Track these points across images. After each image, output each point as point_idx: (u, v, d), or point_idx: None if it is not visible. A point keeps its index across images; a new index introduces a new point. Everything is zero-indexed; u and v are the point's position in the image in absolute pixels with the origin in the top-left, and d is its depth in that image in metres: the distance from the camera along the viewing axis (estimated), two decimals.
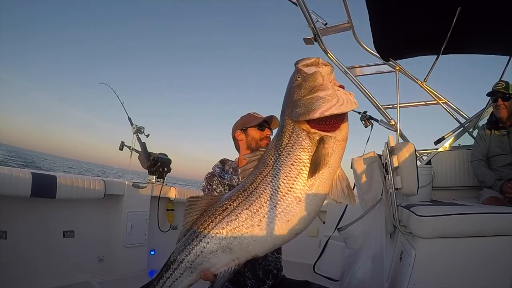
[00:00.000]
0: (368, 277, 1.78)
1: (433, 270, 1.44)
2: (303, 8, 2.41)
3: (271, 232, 0.96)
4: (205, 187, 1.53)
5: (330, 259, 2.87)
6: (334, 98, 0.94)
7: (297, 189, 0.95)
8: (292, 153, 0.97)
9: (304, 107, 0.95)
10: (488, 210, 1.53)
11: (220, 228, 1.00)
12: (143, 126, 3.35)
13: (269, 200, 0.97)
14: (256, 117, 1.56)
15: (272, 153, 1.01)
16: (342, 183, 1.00)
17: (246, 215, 0.98)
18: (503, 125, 2.40)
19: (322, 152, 0.94)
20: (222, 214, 1.01)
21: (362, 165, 2.17)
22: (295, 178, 0.95)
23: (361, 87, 2.97)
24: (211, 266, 1.02)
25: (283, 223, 0.96)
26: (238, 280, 1.44)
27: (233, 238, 0.98)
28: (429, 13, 2.33)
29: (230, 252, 1.00)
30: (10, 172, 2.18)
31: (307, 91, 0.97)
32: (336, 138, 0.96)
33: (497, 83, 2.42)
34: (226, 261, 1.01)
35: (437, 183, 2.80)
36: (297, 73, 1.01)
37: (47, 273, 2.40)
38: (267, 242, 0.98)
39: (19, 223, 2.33)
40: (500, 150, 2.39)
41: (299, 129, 0.97)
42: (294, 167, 0.96)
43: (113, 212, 2.92)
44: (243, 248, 0.99)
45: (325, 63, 1.01)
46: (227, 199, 1.04)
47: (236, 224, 0.98)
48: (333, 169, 0.97)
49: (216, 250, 1.00)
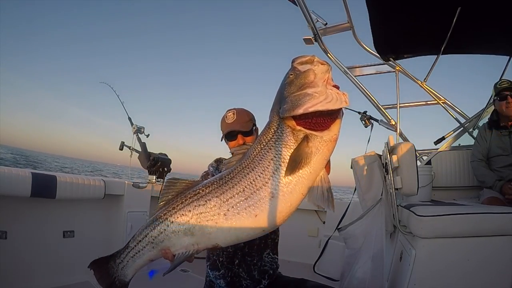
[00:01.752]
0: (368, 277, 1.78)
1: (433, 270, 1.44)
2: (303, 8, 2.41)
3: (236, 224, 0.95)
4: None
5: (330, 259, 2.87)
6: (322, 95, 0.92)
7: (272, 185, 0.92)
8: (273, 148, 0.95)
9: (291, 103, 0.94)
10: (488, 210, 1.54)
11: (186, 210, 1.00)
12: (143, 126, 3.35)
13: (241, 192, 0.95)
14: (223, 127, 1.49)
15: (255, 147, 0.99)
16: (323, 185, 0.97)
17: (214, 203, 0.97)
18: (504, 124, 2.39)
19: (304, 150, 0.91)
20: (193, 198, 1.01)
21: (362, 165, 2.17)
22: (272, 173, 0.93)
23: (361, 87, 2.97)
24: (171, 246, 1.03)
25: (250, 217, 0.94)
26: (233, 281, 1.43)
27: (197, 222, 0.98)
28: (429, 13, 2.32)
29: (191, 236, 0.99)
30: (10, 172, 2.18)
31: (296, 88, 0.95)
32: (323, 138, 0.93)
33: (501, 81, 2.39)
34: (185, 244, 1.01)
35: (437, 183, 2.80)
36: (291, 70, 1.00)
37: (47, 273, 2.40)
38: (230, 233, 0.97)
39: (19, 223, 2.33)
40: (501, 151, 2.38)
41: (284, 125, 0.95)
42: (273, 162, 0.94)
43: (113, 212, 2.92)
44: (205, 234, 0.98)
45: (321, 61, 0.99)
46: (202, 185, 1.03)
47: (203, 209, 0.98)
48: (314, 169, 0.93)
49: (178, 231, 1.00)
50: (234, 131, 1.44)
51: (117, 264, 1.13)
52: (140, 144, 3.31)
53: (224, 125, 1.49)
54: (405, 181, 1.76)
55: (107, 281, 1.14)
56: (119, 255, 1.14)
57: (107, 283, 1.14)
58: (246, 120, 1.47)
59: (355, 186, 2.37)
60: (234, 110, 1.48)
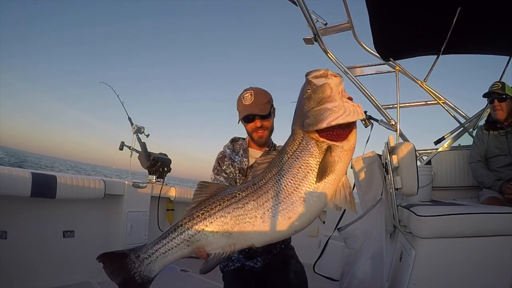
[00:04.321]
0: (368, 277, 1.78)
1: (433, 270, 1.44)
2: (303, 8, 2.40)
3: (272, 226, 1.02)
4: (215, 167, 1.54)
5: (330, 259, 2.87)
6: (341, 109, 1.00)
7: (302, 190, 1.01)
8: (300, 158, 1.04)
9: (313, 118, 1.02)
10: (488, 210, 1.54)
11: (226, 212, 1.05)
12: (143, 126, 3.35)
13: (275, 196, 1.03)
14: (241, 108, 1.49)
15: (282, 157, 1.08)
16: (345, 190, 1.05)
17: (252, 206, 1.04)
18: (501, 125, 2.40)
19: (329, 160, 1.01)
20: (231, 200, 1.06)
21: (362, 165, 2.17)
22: (302, 180, 1.02)
23: (361, 87, 2.97)
24: (207, 245, 1.06)
25: (284, 219, 1.01)
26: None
27: (235, 224, 1.04)
28: (429, 13, 2.32)
29: (228, 236, 1.04)
30: (10, 172, 2.18)
31: (316, 103, 1.04)
32: (343, 148, 1.02)
33: (493, 84, 2.42)
34: (222, 244, 1.06)
35: (437, 183, 2.81)
36: (308, 85, 1.08)
37: (47, 273, 2.40)
38: (266, 234, 1.03)
39: (19, 223, 2.33)
40: (499, 151, 2.39)
41: (308, 138, 1.04)
42: (301, 169, 1.03)
43: (113, 212, 2.92)
44: (242, 235, 1.04)
45: (334, 74, 1.06)
46: (237, 189, 1.10)
47: (241, 212, 1.04)
48: (338, 176, 1.03)
49: (217, 231, 1.05)
50: (251, 115, 1.45)
51: (141, 260, 1.11)
52: (140, 144, 3.31)
53: (241, 106, 1.47)
54: (405, 181, 1.76)
55: (122, 275, 1.11)
56: (145, 250, 1.11)
57: (123, 277, 1.11)
58: (264, 102, 1.47)
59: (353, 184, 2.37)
60: (252, 91, 1.47)
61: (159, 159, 3.25)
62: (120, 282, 1.12)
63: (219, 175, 1.49)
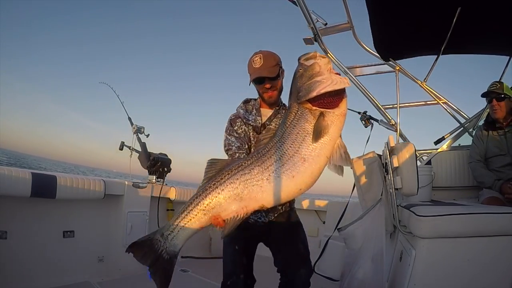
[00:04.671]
0: (368, 277, 1.78)
1: (433, 270, 1.45)
2: (303, 8, 2.41)
3: (278, 186, 1.14)
4: (227, 128, 1.64)
5: (330, 259, 2.87)
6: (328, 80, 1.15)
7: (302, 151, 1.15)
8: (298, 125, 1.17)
9: (305, 90, 1.17)
10: (488, 210, 1.54)
11: (234, 179, 1.17)
12: (143, 126, 3.34)
13: (278, 160, 1.15)
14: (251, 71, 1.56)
15: (281, 128, 1.22)
16: (341, 149, 1.19)
17: (257, 171, 1.16)
18: (500, 125, 2.40)
19: (322, 124, 1.14)
20: (238, 169, 1.18)
21: (362, 165, 2.17)
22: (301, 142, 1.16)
23: (361, 87, 2.97)
24: (222, 211, 1.17)
25: (288, 178, 1.13)
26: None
27: (245, 187, 1.15)
28: (429, 13, 2.32)
29: (240, 200, 1.16)
30: (10, 172, 2.18)
31: (307, 79, 1.18)
32: (335, 113, 1.16)
33: (492, 83, 2.42)
34: (235, 208, 1.16)
35: (437, 183, 2.80)
36: (299, 66, 1.24)
37: (47, 273, 2.40)
38: (274, 194, 1.15)
39: (19, 223, 2.33)
40: (498, 151, 2.38)
41: (302, 108, 1.19)
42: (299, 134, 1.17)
43: (113, 212, 2.92)
44: (252, 197, 1.15)
45: (322, 55, 1.22)
46: (243, 160, 1.22)
47: (248, 177, 1.16)
48: (332, 137, 1.16)
49: (229, 197, 1.16)
50: (261, 77, 1.53)
51: (165, 237, 1.21)
52: (140, 144, 3.31)
53: (251, 69, 1.56)
54: (405, 181, 1.76)
55: (152, 256, 1.21)
56: (167, 228, 1.22)
57: (152, 258, 1.22)
58: (273, 64, 1.54)
59: (353, 185, 2.37)
60: (261, 54, 1.54)
61: (159, 159, 3.25)
62: (150, 263, 1.22)
63: (231, 135, 1.60)
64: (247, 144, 1.57)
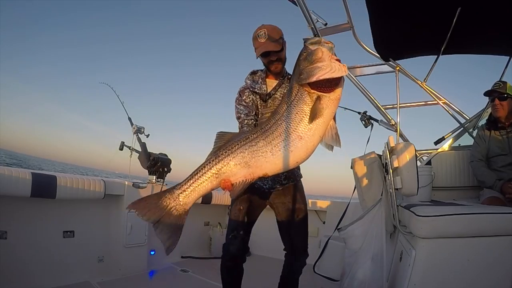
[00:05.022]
0: (368, 277, 1.78)
1: (433, 270, 1.44)
2: (303, 8, 2.41)
3: (278, 157, 1.30)
4: (236, 98, 1.82)
5: (330, 259, 2.87)
6: (328, 67, 1.24)
7: (299, 130, 1.29)
8: (297, 106, 1.30)
9: (306, 74, 1.27)
10: (488, 210, 1.53)
11: (243, 149, 1.32)
12: (143, 126, 3.34)
13: (279, 136, 1.30)
14: (257, 45, 1.70)
15: (282, 105, 1.35)
16: (332, 131, 1.34)
17: (262, 144, 1.32)
18: (502, 125, 2.40)
19: (318, 107, 1.27)
20: (245, 140, 1.34)
21: (362, 165, 2.17)
22: (298, 122, 1.29)
23: (361, 87, 2.97)
24: (232, 176, 1.32)
25: (287, 151, 1.29)
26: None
27: (252, 157, 1.32)
28: (429, 13, 2.32)
29: (248, 167, 1.32)
30: (10, 172, 2.18)
31: (309, 63, 1.28)
32: (330, 97, 1.28)
33: (495, 83, 2.42)
34: (243, 173, 1.32)
35: (437, 183, 2.80)
36: (304, 48, 1.33)
37: (47, 273, 2.40)
38: (276, 164, 1.31)
39: (19, 223, 2.33)
40: (500, 150, 2.38)
41: (302, 90, 1.30)
42: (298, 115, 1.29)
43: (113, 212, 2.92)
44: (258, 165, 1.32)
45: (326, 41, 1.30)
46: (249, 132, 1.37)
47: (255, 148, 1.32)
48: (326, 119, 1.29)
49: (239, 163, 1.32)
50: (267, 51, 1.69)
51: (177, 195, 1.31)
52: (140, 144, 3.31)
53: (257, 43, 1.70)
54: (405, 181, 1.76)
55: (158, 213, 1.29)
56: (179, 187, 1.31)
57: (158, 214, 1.29)
58: (277, 38, 1.69)
59: (354, 186, 2.37)
60: (265, 29, 1.68)
61: (159, 159, 3.25)
62: (155, 219, 1.29)
63: (240, 104, 1.78)
64: (254, 111, 1.76)
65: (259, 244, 3.68)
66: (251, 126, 1.72)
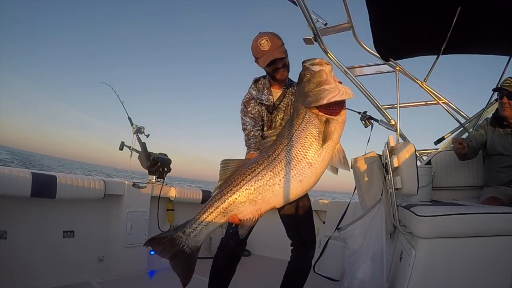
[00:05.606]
0: (368, 277, 1.78)
1: (433, 270, 1.45)
2: (303, 8, 2.40)
3: (287, 189, 1.25)
4: (241, 109, 1.79)
5: (330, 259, 2.87)
6: (336, 89, 1.24)
7: (309, 156, 1.25)
8: (306, 129, 1.27)
9: (314, 97, 1.26)
10: (488, 210, 1.54)
11: (249, 185, 1.27)
12: (143, 126, 3.34)
13: (287, 165, 1.26)
14: (260, 54, 1.65)
15: (289, 130, 1.31)
16: (340, 154, 1.31)
17: (269, 176, 1.26)
18: (507, 123, 2.34)
19: (328, 130, 1.25)
20: (251, 174, 1.29)
21: (362, 165, 2.17)
22: (308, 148, 1.25)
23: (361, 87, 2.97)
24: (239, 213, 1.30)
25: (296, 182, 1.25)
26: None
27: (259, 193, 1.27)
28: (429, 13, 2.32)
29: (254, 204, 1.28)
30: (10, 172, 2.18)
31: (315, 85, 1.27)
32: (338, 120, 1.27)
33: (506, 79, 2.35)
34: (251, 211, 1.29)
35: (437, 183, 2.80)
36: (305, 70, 1.32)
37: (47, 273, 2.40)
38: (283, 197, 1.27)
39: (19, 223, 2.33)
40: (502, 150, 2.34)
41: (310, 113, 1.28)
42: (307, 139, 1.26)
43: (113, 212, 2.92)
44: (265, 201, 1.28)
45: (327, 62, 1.30)
46: (255, 163, 1.31)
47: (261, 183, 1.27)
48: (334, 143, 1.28)
49: (245, 201, 1.28)
50: (274, 59, 1.65)
51: (188, 234, 1.34)
52: (140, 144, 3.31)
53: (260, 52, 1.66)
54: (405, 181, 1.76)
55: (172, 250, 1.34)
56: (189, 226, 1.34)
57: (173, 252, 1.34)
58: (280, 44, 1.67)
59: (354, 186, 2.37)
60: (266, 37, 1.64)
61: (159, 159, 3.25)
62: (170, 257, 1.34)
63: (246, 115, 1.75)
64: (260, 122, 1.74)
65: (259, 244, 3.69)
66: (257, 137, 1.69)
